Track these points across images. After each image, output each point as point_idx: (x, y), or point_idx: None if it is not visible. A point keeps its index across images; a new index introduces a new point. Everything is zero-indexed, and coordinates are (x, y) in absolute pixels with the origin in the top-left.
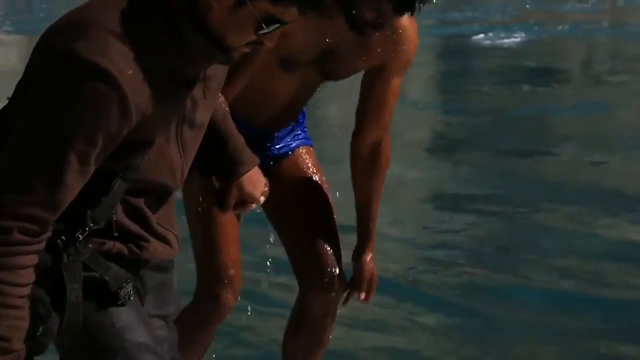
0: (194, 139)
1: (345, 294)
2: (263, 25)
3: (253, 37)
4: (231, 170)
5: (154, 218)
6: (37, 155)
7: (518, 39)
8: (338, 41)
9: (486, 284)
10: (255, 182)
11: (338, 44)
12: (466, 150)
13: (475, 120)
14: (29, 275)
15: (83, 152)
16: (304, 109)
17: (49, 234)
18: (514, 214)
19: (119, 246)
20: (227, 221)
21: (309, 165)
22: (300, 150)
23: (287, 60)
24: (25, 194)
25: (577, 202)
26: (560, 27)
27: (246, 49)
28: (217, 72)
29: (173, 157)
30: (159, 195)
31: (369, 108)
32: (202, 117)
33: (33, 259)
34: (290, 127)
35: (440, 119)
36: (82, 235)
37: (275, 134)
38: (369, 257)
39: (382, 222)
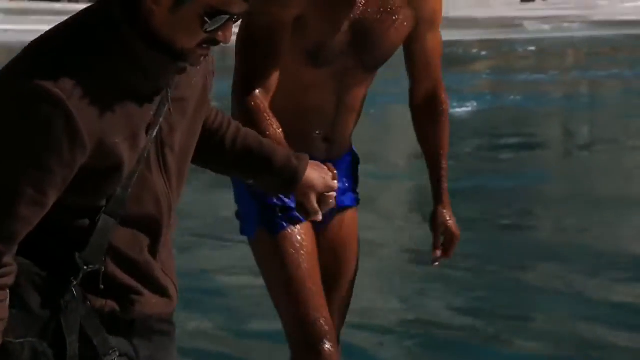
0: (177, 165)
1: (432, 256)
2: (207, 19)
3: (202, 36)
4: (290, 180)
5: (154, 264)
6: None
7: (469, 109)
8: (360, 17)
9: (469, 348)
10: (320, 173)
11: (362, 20)
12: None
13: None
14: None
15: (36, 181)
16: (355, 150)
17: (7, 269)
18: (495, 276)
19: (111, 304)
20: (307, 274)
21: (350, 231)
22: (348, 211)
23: (314, 53)
24: None
25: (559, 264)
26: (512, 97)
27: (204, 52)
28: (193, 93)
29: (157, 185)
30: (151, 233)
31: (415, 68)
32: (184, 142)
33: None
34: (345, 169)
35: (409, 186)
36: (75, 280)
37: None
38: (441, 212)
39: (358, 285)
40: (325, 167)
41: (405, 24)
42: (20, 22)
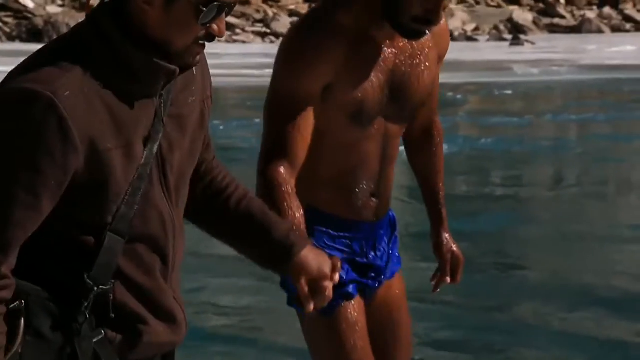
0: (176, 185)
1: (434, 281)
2: (202, 7)
3: (198, 30)
4: (284, 255)
5: (166, 290)
6: None
7: (459, 150)
8: (393, 67)
9: None
10: (318, 258)
11: (396, 70)
12: (418, 257)
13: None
14: None
15: (28, 183)
16: (394, 215)
17: (5, 281)
18: (481, 313)
19: (119, 337)
20: (363, 353)
21: (400, 292)
22: (396, 277)
23: (357, 115)
24: None
25: (544, 302)
26: (483, 140)
27: (200, 49)
28: (190, 113)
29: (160, 204)
30: (159, 255)
31: None
32: (182, 163)
33: None
34: (387, 227)
35: None
36: (87, 301)
37: (379, 230)
38: (444, 238)
39: None
40: (326, 255)
41: (434, 64)
42: (12, 63)
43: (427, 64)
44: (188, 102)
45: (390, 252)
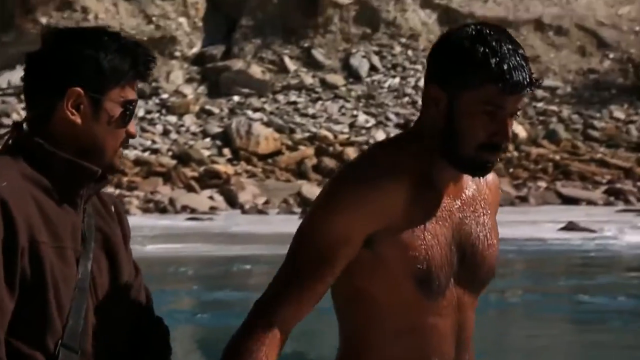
0: (103, 311)
1: None
2: (127, 107)
3: (123, 131)
4: None
5: None
6: None
7: None
8: (459, 224)
9: None
10: None
11: (463, 227)
12: None
13: None
14: None
15: None
16: None
17: None
18: None
19: None
20: None
21: None
22: None
23: (425, 279)
24: None
25: None
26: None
27: (119, 156)
28: (120, 243)
29: (95, 322)
30: None
31: None
32: (111, 292)
33: None
34: None
35: None
36: None
37: None
38: None
39: None
40: None
41: (494, 220)
42: None
43: (490, 220)
44: (116, 233)
45: None
